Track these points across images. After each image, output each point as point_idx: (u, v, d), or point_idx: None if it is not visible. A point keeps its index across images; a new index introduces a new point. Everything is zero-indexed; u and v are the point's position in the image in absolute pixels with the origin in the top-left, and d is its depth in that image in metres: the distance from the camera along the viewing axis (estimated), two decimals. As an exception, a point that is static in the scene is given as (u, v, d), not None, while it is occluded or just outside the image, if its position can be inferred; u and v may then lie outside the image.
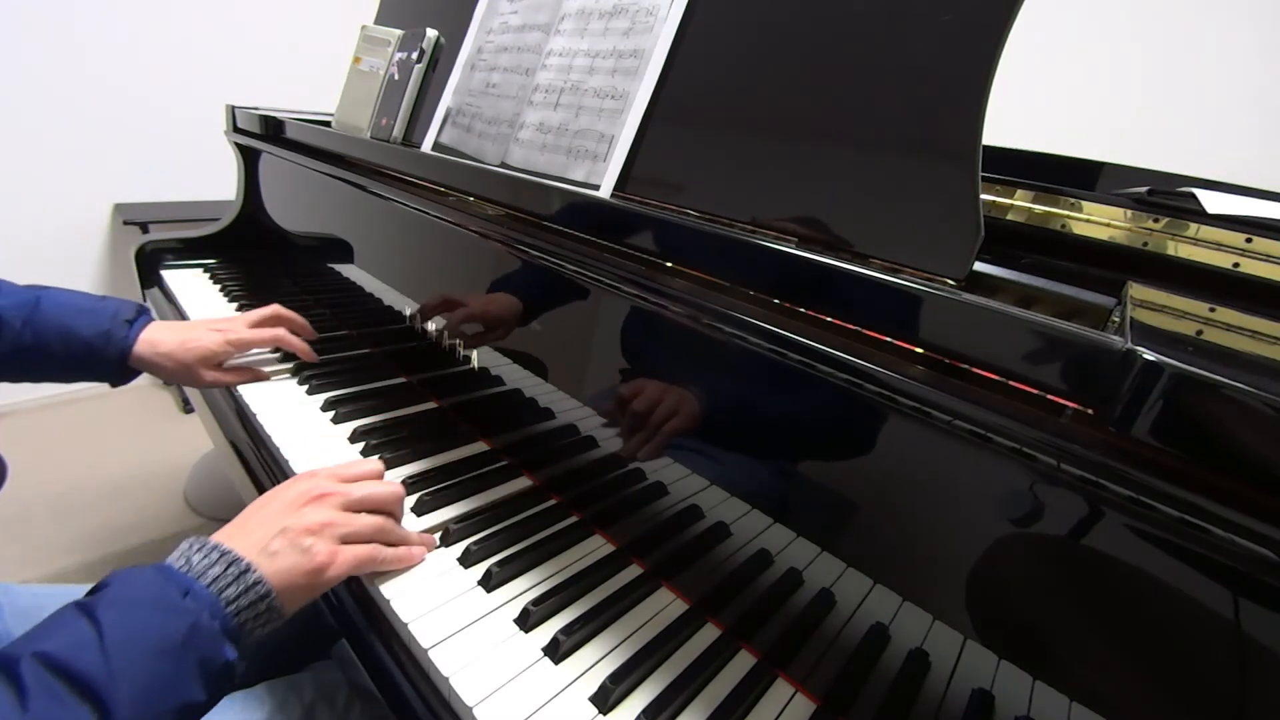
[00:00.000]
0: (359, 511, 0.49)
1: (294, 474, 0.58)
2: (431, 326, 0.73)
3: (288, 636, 0.61)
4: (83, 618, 0.36)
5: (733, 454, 0.48)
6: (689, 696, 0.43)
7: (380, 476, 0.53)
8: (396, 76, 0.92)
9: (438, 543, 0.53)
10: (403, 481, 0.59)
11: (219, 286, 1.07)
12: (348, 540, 0.47)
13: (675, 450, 0.51)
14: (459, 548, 0.53)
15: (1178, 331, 0.35)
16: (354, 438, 0.67)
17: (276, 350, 0.82)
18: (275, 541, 0.44)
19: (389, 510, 0.52)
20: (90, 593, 0.38)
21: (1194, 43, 1.37)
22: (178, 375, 0.72)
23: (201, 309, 0.99)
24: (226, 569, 0.41)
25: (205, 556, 0.41)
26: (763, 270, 0.42)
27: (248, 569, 0.41)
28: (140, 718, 0.34)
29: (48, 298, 0.67)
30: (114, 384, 0.72)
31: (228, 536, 0.44)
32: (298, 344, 0.78)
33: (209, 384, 0.75)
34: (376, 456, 0.64)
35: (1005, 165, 0.65)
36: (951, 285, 0.38)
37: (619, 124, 0.59)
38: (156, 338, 0.70)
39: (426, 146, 0.80)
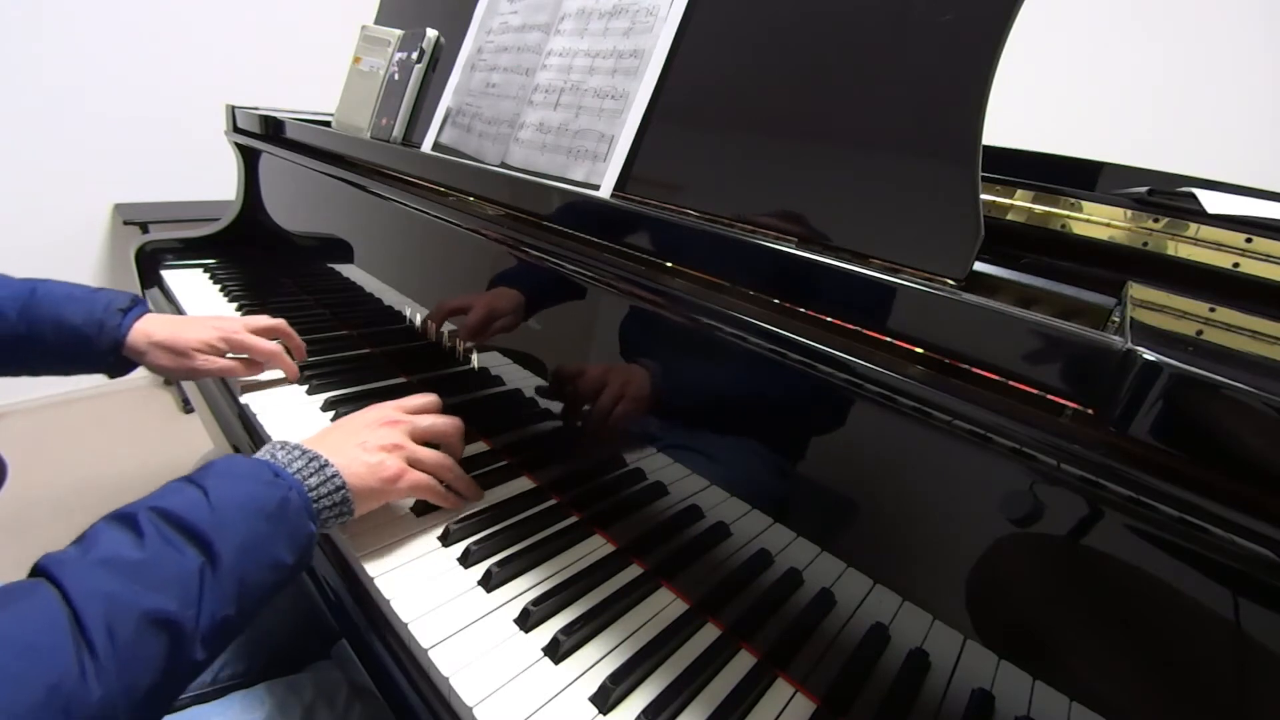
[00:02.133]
0: (423, 444, 0.55)
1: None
2: (432, 326, 0.73)
3: (288, 636, 0.61)
4: (191, 485, 0.42)
5: (732, 454, 0.48)
6: (689, 696, 0.43)
7: (439, 407, 0.60)
8: (396, 76, 0.92)
9: (483, 494, 0.59)
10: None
11: (219, 286, 1.07)
12: (414, 465, 0.53)
13: (675, 450, 0.51)
14: (459, 548, 0.53)
15: (1178, 331, 0.35)
16: (354, 438, 0.67)
17: None
18: (352, 449, 0.50)
19: (450, 443, 0.58)
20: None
21: (1194, 42, 1.37)
22: (172, 368, 0.70)
23: (201, 309, 0.99)
24: (308, 463, 0.47)
25: (288, 453, 0.47)
26: (763, 270, 0.42)
27: (326, 464, 0.47)
28: (240, 564, 0.39)
29: (43, 288, 0.66)
30: (111, 375, 0.71)
31: (308, 443, 0.50)
32: (291, 367, 0.76)
33: (203, 370, 0.71)
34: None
35: (1005, 165, 0.65)
36: (951, 285, 0.38)
37: (619, 124, 0.59)
38: (151, 328, 0.70)
39: (426, 146, 0.80)
